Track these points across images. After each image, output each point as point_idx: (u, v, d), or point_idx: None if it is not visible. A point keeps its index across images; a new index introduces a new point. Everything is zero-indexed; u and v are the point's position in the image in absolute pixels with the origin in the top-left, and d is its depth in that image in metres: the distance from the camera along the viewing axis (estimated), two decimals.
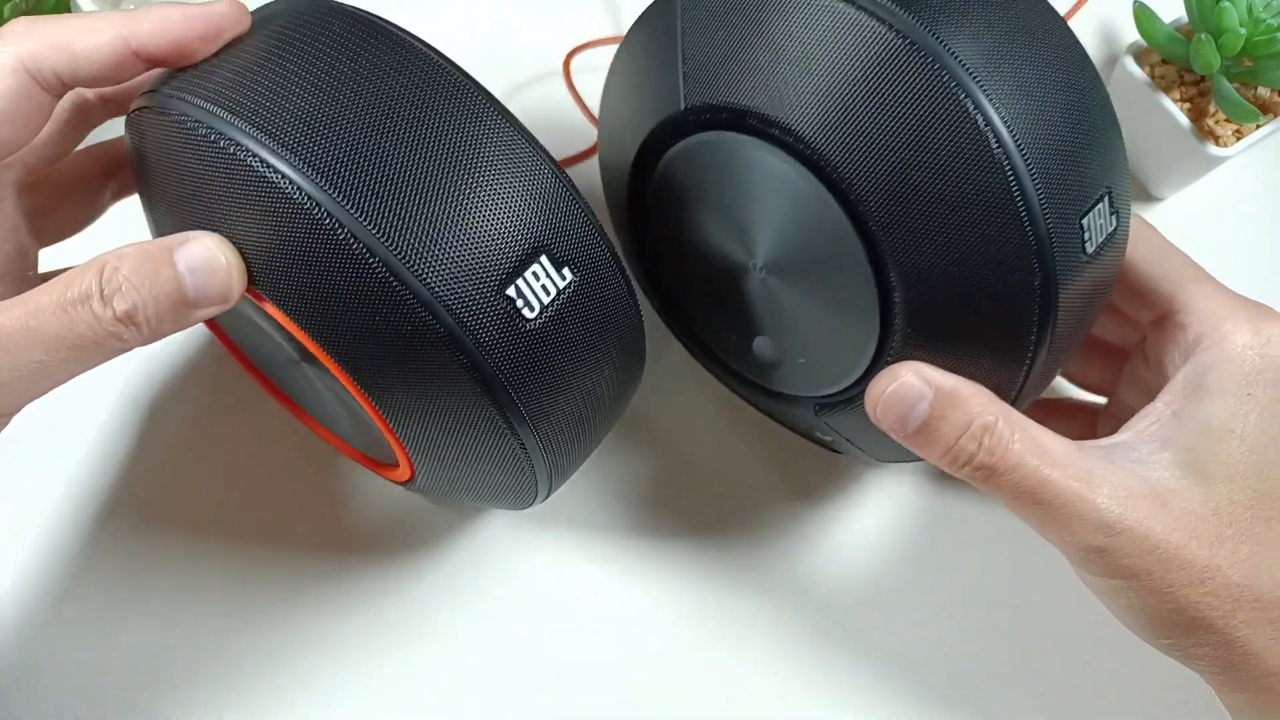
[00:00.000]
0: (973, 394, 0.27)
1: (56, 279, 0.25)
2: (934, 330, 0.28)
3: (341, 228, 0.24)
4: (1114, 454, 0.28)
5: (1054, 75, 0.26)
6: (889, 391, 0.27)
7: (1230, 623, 0.27)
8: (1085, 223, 0.26)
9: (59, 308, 0.24)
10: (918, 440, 0.28)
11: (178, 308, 0.25)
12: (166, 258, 0.25)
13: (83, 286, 0.24)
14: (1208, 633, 0.27)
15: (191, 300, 0.25)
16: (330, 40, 0.26)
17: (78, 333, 0.24)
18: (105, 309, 0.24)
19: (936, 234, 0.26)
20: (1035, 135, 0.25)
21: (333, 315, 0.26)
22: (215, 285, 0.25)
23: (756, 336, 0.33)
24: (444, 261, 0.24)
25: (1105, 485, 0.27)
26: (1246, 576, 0.27)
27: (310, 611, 0.36)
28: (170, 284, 0.25)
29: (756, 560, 0.38)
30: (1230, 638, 0.27)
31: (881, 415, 0.28)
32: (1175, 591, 0.27)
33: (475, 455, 0.29)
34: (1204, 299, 0.29)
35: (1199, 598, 0.27)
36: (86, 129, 0.30)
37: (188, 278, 0.25)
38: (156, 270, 0.25)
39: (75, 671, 0.35)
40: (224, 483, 0.38)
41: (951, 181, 0.25)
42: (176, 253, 0.25)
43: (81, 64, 0.26)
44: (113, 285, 0.25)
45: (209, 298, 0.25)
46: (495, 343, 0.25)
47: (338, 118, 0.24)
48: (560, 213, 0.26)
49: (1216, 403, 0.28)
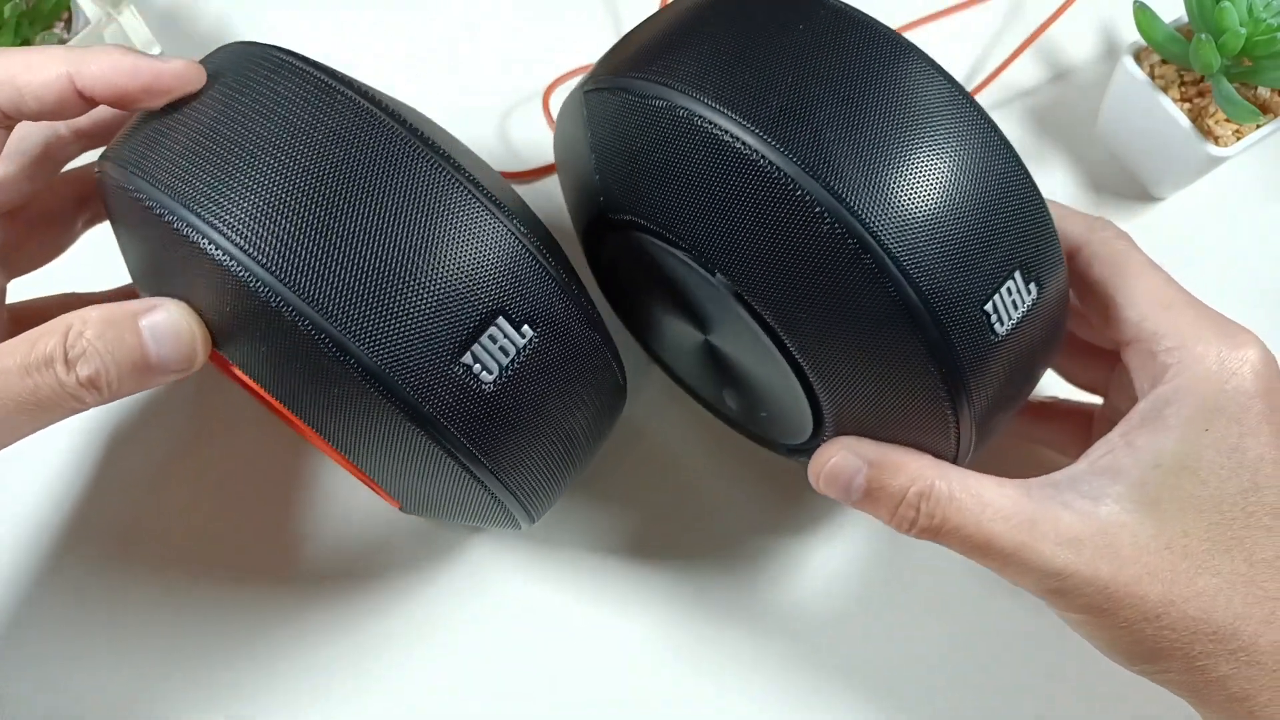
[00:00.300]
0: (904, 461, 0.28)
1: (19, 339, 0.25)
2: (860, 409, 0.29)
3: (289, 307, 0.24)
4: (1063, 491, 0.28)
5: (934, 176, 0.25)
6: (825, 470, 0.29)
7: (1190, 653, 0.27)
8: (990, 308, 0.26)
9: (23, 370, 0.25)
10: (864, 507, 0.29)
11: (140, 373, 0.26)
12: (131, 324, 0.25)
13: (47, 350, 0.25)
14: (1170, 661, 0.27)
15: (155, 367, 0.26)
16: (274, 103, 0.25)
17: (40, 395, 0.25)
18: (69, 374, 0.25)
19: (832, 339, 0.27)
20: (914, 246, 0.25)
21: (292, 386, 0.26)
22: (179, 353, 0.26)
23: (725, 389, 0.35)
24: (393, 336, 0.24)
25: (1050, 532, 0.27)
26: (1203, 610, 0.27)
27: (301, 632, 0.36)
28: (135, 351, 0.25)
29: (743, 576, 0.37)
30: (1192, 666, 0.27)
31: (825, 489, 0.30)
32: (1132, 626, 0.27)
33: (450, 499, 0.29)
34: (1171, 326, 0.29)
35: (1154, 631, 0.27)
36: (58, 165, 0.30)
37: (151, 345, 0.25)
38: (121, 336, 0.25)
39: (72, 691, 0.35)
40: (204, 508, 0.38)
41: (837, 297, 0.26)
42: (142, 320, 0.25)
43: (26, 99, 0.26)
44: (77, 350, 0.25)
45: (171, 364, 0.26)
46: (452, 410, 0.25)
47: (282, 194, 0.24)
48: (518, 271, 0.26)
49: (1173, 438, 0.27)
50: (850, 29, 0.27)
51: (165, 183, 0.25)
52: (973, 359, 0.26)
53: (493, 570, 0.37)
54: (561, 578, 0.37)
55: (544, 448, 0.28)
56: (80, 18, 0.40)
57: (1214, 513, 0.27)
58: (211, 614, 0.36)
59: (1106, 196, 0.44)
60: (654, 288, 0.32)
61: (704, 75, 0.26)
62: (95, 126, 0.30)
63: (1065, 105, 0.45)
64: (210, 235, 0.24)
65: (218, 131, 0.25)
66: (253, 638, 0.36)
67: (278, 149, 0.25)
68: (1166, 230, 0.43)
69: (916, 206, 0.25)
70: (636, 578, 0.37)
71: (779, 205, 0.25)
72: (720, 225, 0.27)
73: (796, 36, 0.26)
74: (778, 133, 0.25)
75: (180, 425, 0.39)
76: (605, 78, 0.29)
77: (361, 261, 0.24)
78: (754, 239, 0.26)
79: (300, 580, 0.37)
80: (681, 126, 0.26)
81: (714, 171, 0.26)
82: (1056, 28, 0.45)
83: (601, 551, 0.37)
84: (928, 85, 0.26)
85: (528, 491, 0.29)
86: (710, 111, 0.26)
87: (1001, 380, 0.27)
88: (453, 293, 0.25)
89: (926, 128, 0.26)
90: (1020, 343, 0.27)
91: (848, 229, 0.25)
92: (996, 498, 0.27)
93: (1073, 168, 0.44)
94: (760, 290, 0.27)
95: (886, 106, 0.26)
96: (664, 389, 0.40)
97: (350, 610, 0.36)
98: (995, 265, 0.26)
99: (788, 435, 0.33)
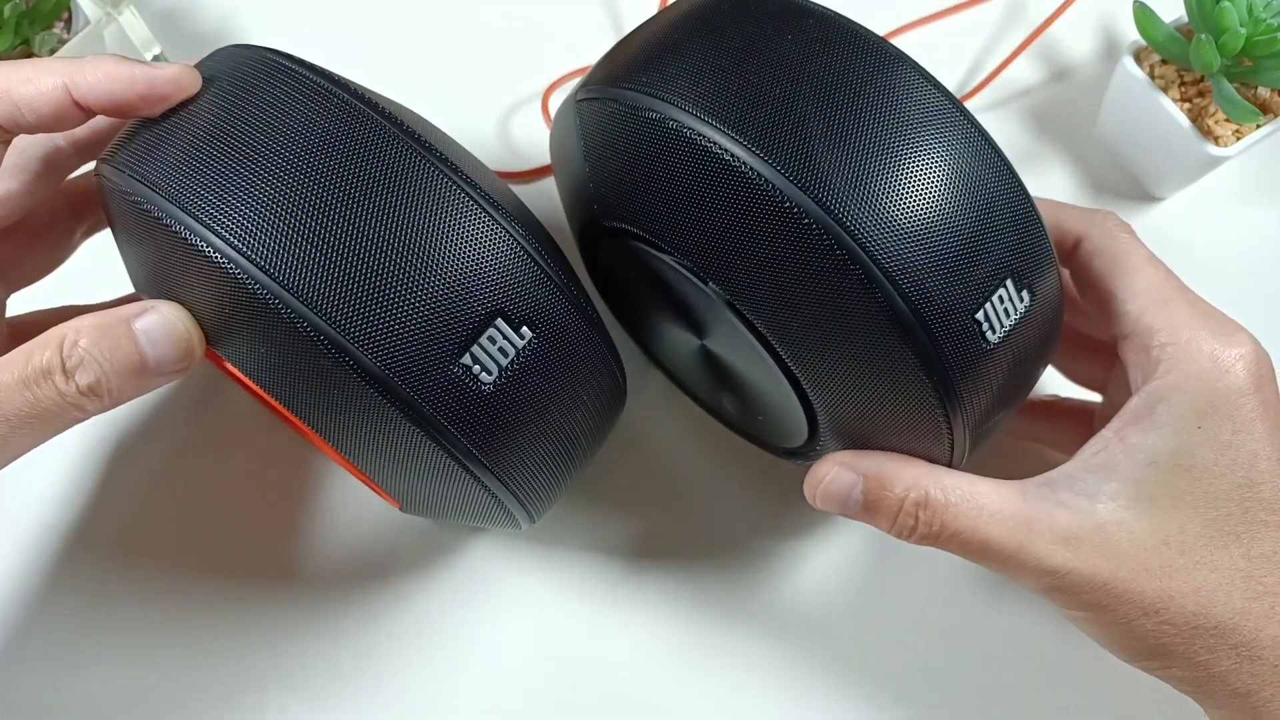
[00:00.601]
0: (899, 470, 0.28)
1: (14, 354, 0.25)
2: (853, 416, 0.29)
3: (288, 309, 0.24)
4: (1059, 490, 0.28)
5: (923, 185, 0.25)
6: (821, 488, 0.29)
7: (1191, 649, 0.27)
8: (982, 315, 0.26)
9: (21, 384, 0.25)
10: (864, 518, 0.29)
11: (139, 376, 0.26)
12: (125, 329, 0.25)
13: (44, 361, 0.25)
14: (1171, 657, 0.27)
15: (152, 369, 0.26)
16: (271, 107, 0.25)
17: (42, 408, 0.25)
18: (69, 383, 0.25)
19: (824, 348, 0.27)
20: (902, 255, 0.25)
21: (291, 387, 0.26)
22: (175, 353, 0.26)
23: (722, 393, 0.35)
24: (392, 337, 0.24)
25: (1047, 532, 0.27)
26: (1201, 605, 0.27)
27: (301, 632, 0.36)
28: (131, 355, 0.25)
29: (743, 576, 0.37)
30: (1194, 662, 0.27)
31: (823, 505, 0.30)
32: (1131, 622, 0.27)
33: (451, 499, 0.29)
34: (1165, 321, 0.29)
35: (1155, 627, 0.27)
36: (59, 177, 0.30)
37: (148, 349, 0.25)
38: (117, 342, 0.25)
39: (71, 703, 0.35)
40: (204, 509, 0.38)
41: (827, 307, 0.26)
42: (135, 323, 0.25)
43: (23, 112, 0.26)
44: (74, 359, 0.25)
45: (169, 365, 0.26)
46: (452, 410, 0.25)
47: (281, 197, 0.24)
48: (516, 273, 0.26)
49: (1166, 435, 0.28)
50: (839, 38, 0.27)
51: (164, 187, 0.25)
52: (964, 367, 0.26)
53: (493, 570, 0.37)
54: (561, 578, 0.37)
55: (544, 448, 0.28)
56: (80, 18, 0.40)
57: (1210, 509, 0.27)
58: (211, 614, 0.36)
59: (1106, 196, 0.44)
60: (649, 293, 0.32)
61: (693, 87, 0.26)
62: (93, 136, 0.30)
63: (1065, 105, 0.45)
64: (209, 238, 0.24)
65: (215, 135, 0.25)
66: (253, 638, 0.36)
67: (275, 153, 0.25)
68: (1166, 230, 0.43)
69: (905, 216, 0.25)
70: (636, 578, 0.37)
71: (768, 217, 0.25)
72: (711, 236, 0.27)
73: (785, 46, 0.27)
74: (765, 144, 0.25)
75: (182, 428, 0.39)
76: (597, 87, 0.29)
77: (360, 263, 0.24)
78: (744, 250, 0.26)
79: (300, 580, 0.37)
80: (671, 139, 0.26)
81: (703, 183, 0.26)
82: (1056, 27, 0.45)
83: (601, 552, 0.38)
84: (917, 94, 0.26)
85: (528, 492, 0.29)
86: (699, 124, 0.26)
87: (994, 387, 0.28)
88: (451, 294, 0.25)
89: (915, 137, 0.26)
90: (1013, 350, 0.27)
91: (836, 239, 0.25)
92: (992, 500, 0.28)
93: (1072, 168, 0.44)
94: (752, 300, 0.27)
95: (875, 117, 0.26)
96: (663, 390, 0.40)
97: (350, 610, 0.37)
98: (986, 274, 0.26)
99: (784, 439, 0.33)
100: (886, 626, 0.37)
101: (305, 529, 0.38)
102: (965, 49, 0.47)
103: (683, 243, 0.28)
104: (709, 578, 0.37)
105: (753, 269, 0.26)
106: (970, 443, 0.28)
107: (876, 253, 0.25)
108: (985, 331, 0.26)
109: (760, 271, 0.26)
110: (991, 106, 0.45)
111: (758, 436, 0.36)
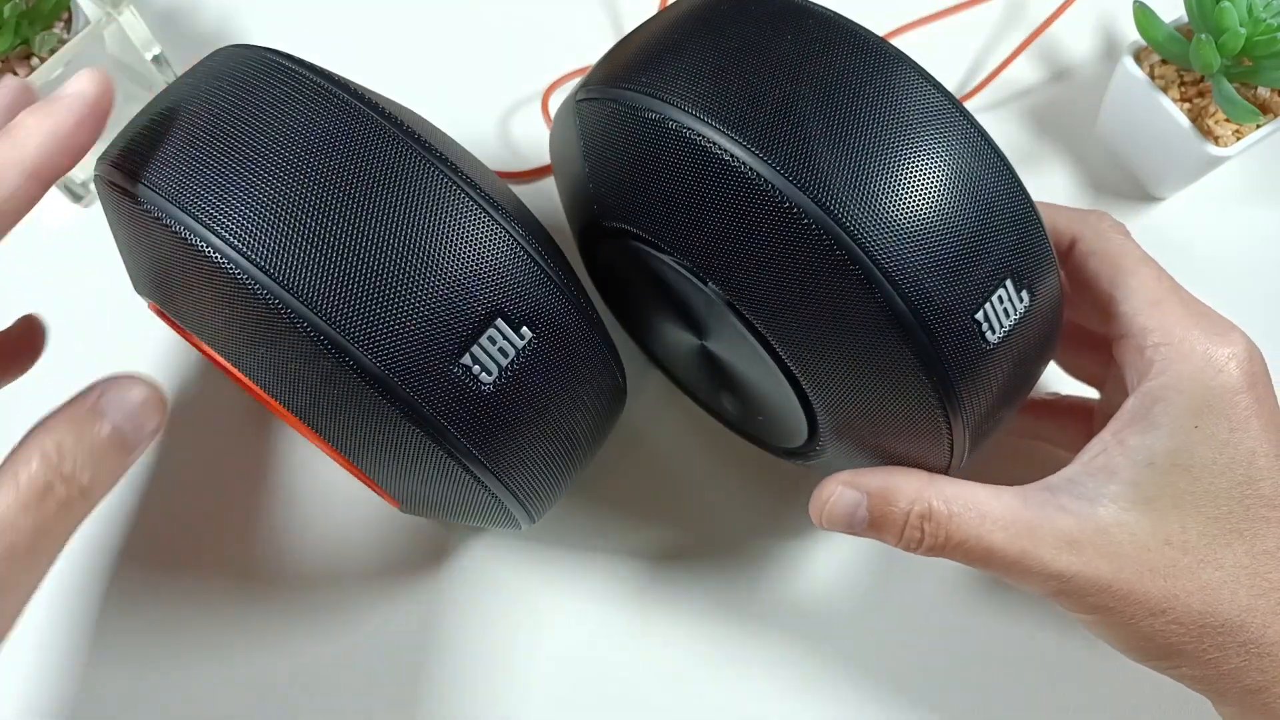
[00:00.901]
0: (902, 484, 0.28)
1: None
2: (853, 416, 0.29)
3: (288, 309, 0.24)
4: (1060, 494, 0.28)
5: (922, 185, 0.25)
6: (826, 509, 0.30)
7: (1199, 647, 0.27)
8: (981, 316, 0.26)
9: (23, 509, 0.23)
10: (871, 535, 0.29)
11: (124, 457, 0.25)
12: (94, 420, 0.24)
13: (33, 478, 0.23)
14: (1181, 657, 0.28)
15: (132, 445, 0.25)
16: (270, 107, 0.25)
17: (48, 524, 0.23)
18: (70, 488, 0.24)
19: (824, 348, 0.27)
20: (902, 255, 0.25)
21: (290, 385, 0.26)
22: (148, 424, 0.25)
23: (722, 392, 0.35)
24: (392, 337, 0.24)
25: (1049, 536, 0.27)
26: (1207, 604, 0.27)
27: (300, 632, 0.36)
28: (109, 443, 0.24)
29: (744, 576, 0.37)
30: (1203, 660, 0.27)
31: (829, 526, 0.30)
32: (1138, 623, 0.27)
33: (451, 500, 0.29)
34: (1159, 322, 0.29)
35: (1162, 626, 0.27)
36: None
37: (128, 431, 0.25)
38: (92, 436, 0.24)
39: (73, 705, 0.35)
40: (203, 508, 0.38)
41: (826, 307, 0.26)
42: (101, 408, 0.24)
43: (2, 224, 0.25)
44: (67, 465, 0.24)
45: (146, 436, 0.25)
46: (452, 410, 0.25)
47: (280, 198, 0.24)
48: (516, 273, 0.26)
49: (1163, 435, 0.28)
50: (839, 39, 0.27)
51: (163, 187, 0.25)
52: (964, 367, 0.26)
53: (493, 570, 0.37)
54: (561, 578, 0.37)
55: (544, 448, 0.28)
56: (80, 18, 0.40)
57: (1210, 508, 0.27)
58: (211, 614, 0.36)
59: (1106, 196, 0.44)
60: (649, 293, 0.32)
61: (693, 87, 0.26)
62: None
63: (1065, 105, 0.45)
64: (209, 239, 0.24)
65: (214, 135, 0.25)
66: (251, 638, 0.36)
67: (275, 153, 0.25)
68: (1166, 230, 0.43)
69: (904, 216, 0.25)
70: (636, 578, 0.37)
71: (767, 217, 0.25)
72: (711, 236, 0.27)
73: (785, 46, 0.27)
74: (765, 145, 0.25)
75: (181, 428, 0.39)
76: (597, 87, 0.29)
77: (360, 263, 0.24)
78: (744, 250, 0.26)
79: (299, 580, 0.37)
80: (670, 139, 0.26)
81: (703, 184, 0.26)
82: (1056, 27, 0.45)
83: (601, 552, 0.38)
84: (917, 94, 0.26)
85: (528, 492, 0.29)
86: (698, 124, 0.26)
87: (994, 387, 0.28)
88: (451, 294, 0.25)
89: (914, 137, 0.26)
90: (1013, 350, 0.27)
91: (835, 239, 0.25)
92: (995, 508, 0.28)
93: (1072, 168, 0.44)
94: (752, 300, 0.27)
95: (874, 117, 0.26)
96: (664, 390, 0.40)
97: (350, 610, 0.37)
98: (986, 274, 0.26)
99: (784, 439, 0.33)
100: (887, 626, 0.37)
101: (305, 529, 0.38)
102: (965, 49, 0.47)
103: (682, 243, 0.28)
104: (709, 578, 0.37)
105: (752, 269, 0.26)
106: (970, 443, 0.28)
107: (876, 253, 0.25)
108: (985, 332, 0.26)
109: (760, 271, 0.26)
110: (991, 106, 0.45)
111: (758, 436, 0.36)
